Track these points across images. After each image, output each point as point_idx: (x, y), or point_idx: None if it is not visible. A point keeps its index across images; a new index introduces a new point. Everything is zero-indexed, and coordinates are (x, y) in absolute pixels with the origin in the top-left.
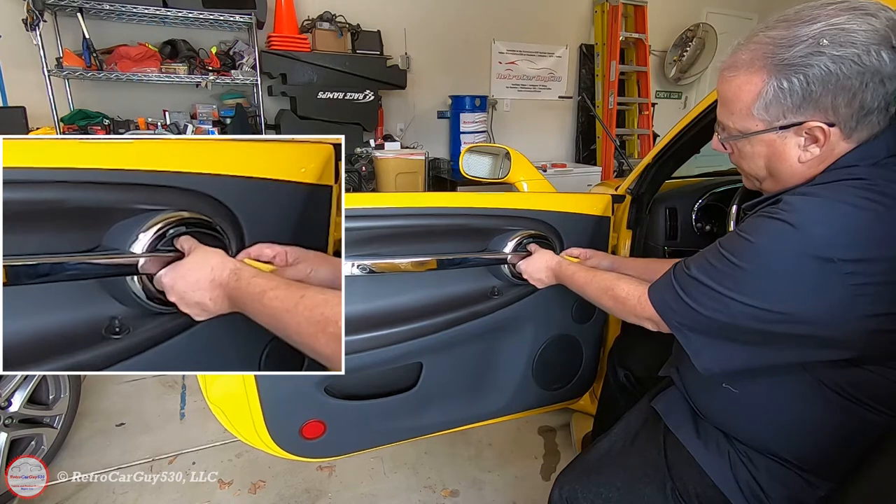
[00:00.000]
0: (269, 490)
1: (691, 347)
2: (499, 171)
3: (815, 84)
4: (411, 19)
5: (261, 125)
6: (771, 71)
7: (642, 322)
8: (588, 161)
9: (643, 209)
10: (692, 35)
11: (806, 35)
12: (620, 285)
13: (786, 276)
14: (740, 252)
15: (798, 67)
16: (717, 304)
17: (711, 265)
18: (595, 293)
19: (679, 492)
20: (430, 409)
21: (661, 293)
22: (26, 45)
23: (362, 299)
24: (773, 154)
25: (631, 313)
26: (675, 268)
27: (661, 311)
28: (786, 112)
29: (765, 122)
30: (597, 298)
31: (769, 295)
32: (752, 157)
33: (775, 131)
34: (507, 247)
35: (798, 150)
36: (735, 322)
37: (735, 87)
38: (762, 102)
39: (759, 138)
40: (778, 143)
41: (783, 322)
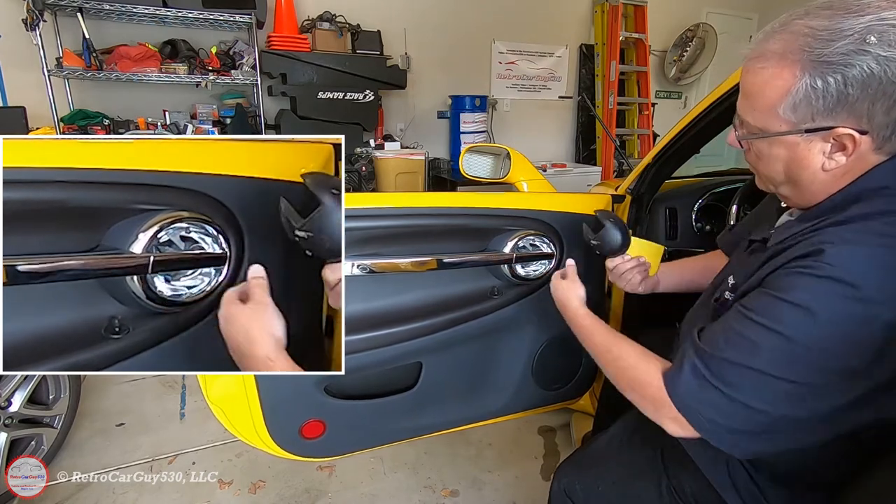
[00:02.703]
0: (269, 490)
1: (725, 445)
2: (499, 171)
3: (854, 86)
4: (411, 19)
5: (261, 125)
6: (805, 66)
7: (663, 424)
8: (588, 161)
9: (643, 209)
10: (692, 35)
11: (851, 29)
12: (638, 364)
13: (850, 344)
14: (789, 321)
15: (837, 66)
16: (767, 392)
17: (748, 339)
18: (607, 368)
19: (675, 490)
20: (429, 409)
21: (682, 385)
22: (26, 45)
23: (362, 299)
24: (794, 159)
25: (649, 408)
26: (694, 346)
27: (686, 411)
28: (815, 114)
29: (789, 124)
30: (611, 376)
31: (832, 370)
32: (770, 160)
33: (800, 134)
34: (507, 247)
35: (822, 157)
36: (794, 413)
37: (761, 81)
38: (790, 101)
39: (780, 140)
40: (801, 148)
41: (845, 393)
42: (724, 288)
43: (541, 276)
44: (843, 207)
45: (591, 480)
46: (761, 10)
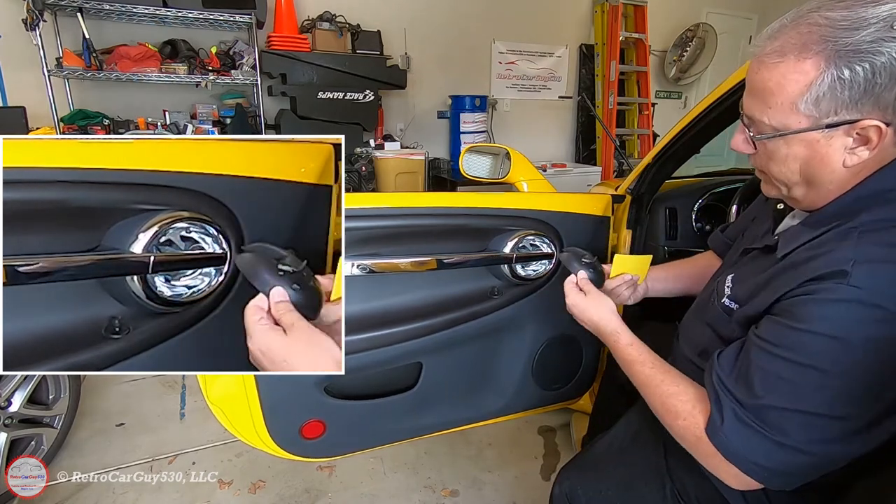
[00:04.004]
0: (269, 490)
1: (778, 484)
2: (499, 171)
3: (882, 75)
4: (411, 19)
5: (261, 125)
6: (830, 57)
7: (719, 474)
8: (588, 161)
9: (643, 209)
10: (692, 35)
11: (875, 16)
12: (683, 407)
13: (890, 366)
14: (823, 354)
15: (864, 54)
16: (816, 432)
17: (785, 380)
18: (652, 401)
19: (679, 493)
20: (429, 409)
21: (728, 435)
22: (26, 45)
23: (362, 299)
24: (814, 157)
25: (696, 452)
26: (726, 390)
27: (737, 461)
28: (839, 107)
29: (811, 119)
30: (656, 412)
31: (878, 398)
32: (785, 161)
33: (821, 130)
34: (507, 247)
35: (843, 152)
36: (848, 450)
37: (779, 76)
38: (813, 95)
39: (798, 138)
40: (821, 145)
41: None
42: (723, 292)
43: (541, 276)
44: (854, 212)
45: (594, 484)
46: (761, 10)
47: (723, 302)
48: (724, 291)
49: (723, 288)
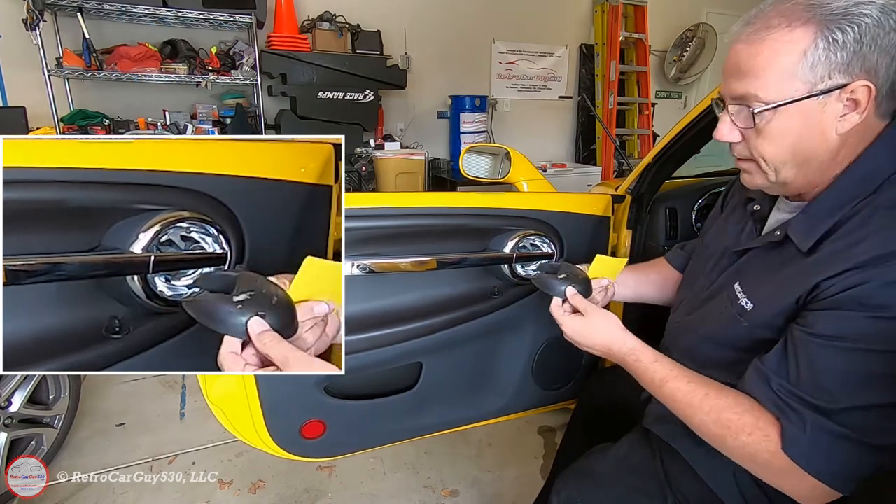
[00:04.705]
0: (269, 490)
1: (850, 490)
2: (499, 171)
3: (867, 35)
4: (411, 19)
5: (261, 125)
6: (820, 22)
7: (793, 490)
8: (588, 161)
9: (643, 209)
10: (692, 35)
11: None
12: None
13: None
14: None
15: (852, 16)
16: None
17: (869, 374)
18: (697, 416)
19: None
20: (429, 409)
21: (814, 448)
22: (26, 45)
23: (362, 299)
24: (808, 128)
25: (767, 470)
26: (801, 401)
27: (827, 476)
28: (832, 71)
29: (807, 86)
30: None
31: None
32: (778, 138)
33: (816, 97)
34: (507, 247)
35: (835, 120)
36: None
37: (769, 49)
38: (809, 60)
39: (794, 109)
40: (816, 113)
41: None
42: (737, 298)
43: None
44: (860, 193)
45: (593, 494)
46: None
47: (741, 304)
48: (738, 297)
49: (734, 295)
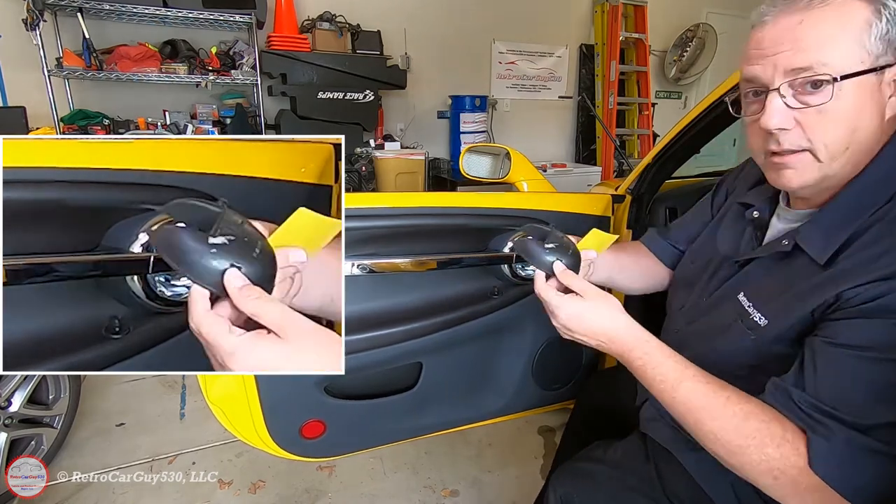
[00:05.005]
0: (269, 490)
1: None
2: (499, 171)
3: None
4: (411, 19)
5: (261, 125)
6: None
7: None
8: (588, 161)
9: (643, 209)
10: (692, 35)
11: None
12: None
13: None
14: None
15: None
16: None
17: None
18: (717, 422)
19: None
20: (429, 409)
21: (845, 466)
22: (26, 45)
23: (362, 299)
24: (866, 107)
25: (792, 488)
26: (831, 417)
27: (855, 494)
28: (887, 47)
29: (872, 58)
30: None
31: None
32: (843, 118)
33: (876, 73)
34: (507, 247)
35: (886, 101)
36: None
37: (837, 14)
38: (877, 29)
39: (860, 84)
40: (874, 90)
41: None
42: (747, 312)
43: None
44: (874, 202)
45: (590, 493)
46: None
47: (753, 320)
48: (749, 312)
49: (742, 309)
